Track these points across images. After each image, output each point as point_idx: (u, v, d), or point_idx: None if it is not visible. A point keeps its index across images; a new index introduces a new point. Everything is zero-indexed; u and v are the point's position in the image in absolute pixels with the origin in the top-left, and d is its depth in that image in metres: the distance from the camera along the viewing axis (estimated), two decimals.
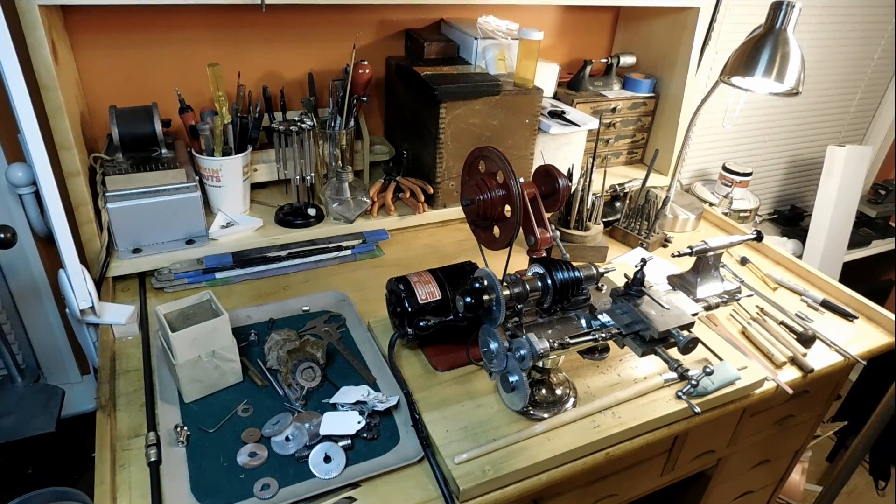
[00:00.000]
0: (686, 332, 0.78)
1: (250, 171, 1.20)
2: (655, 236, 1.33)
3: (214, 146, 1.11)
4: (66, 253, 0.88)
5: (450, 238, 1.31)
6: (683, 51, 1.45)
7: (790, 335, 1.09)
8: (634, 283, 0.84)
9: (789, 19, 1.07)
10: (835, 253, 2.02)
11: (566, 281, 0.82)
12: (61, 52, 0.99)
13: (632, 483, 1.06)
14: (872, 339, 1.12)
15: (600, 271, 0.86)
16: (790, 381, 1.00)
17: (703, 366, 0.80)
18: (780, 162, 2.13)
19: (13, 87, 0.76)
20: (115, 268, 1.06)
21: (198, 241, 1.11)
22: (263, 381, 0.89)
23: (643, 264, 0.85)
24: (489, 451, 0.78)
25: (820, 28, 1.85)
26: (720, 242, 1.10)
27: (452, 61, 1.29)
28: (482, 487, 0.75)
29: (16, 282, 1.24)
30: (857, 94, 2.11)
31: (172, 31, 1.16)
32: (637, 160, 1.65)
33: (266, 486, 0.72)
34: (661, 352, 0.79)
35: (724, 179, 1.80)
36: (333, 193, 1.21)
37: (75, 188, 0.99)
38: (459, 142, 1.23)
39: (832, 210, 1.93)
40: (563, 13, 1.52)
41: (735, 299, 1.10)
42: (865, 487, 2.15)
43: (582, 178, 1.25)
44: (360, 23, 1.31)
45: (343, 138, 1.21)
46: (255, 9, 0.99)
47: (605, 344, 0.88)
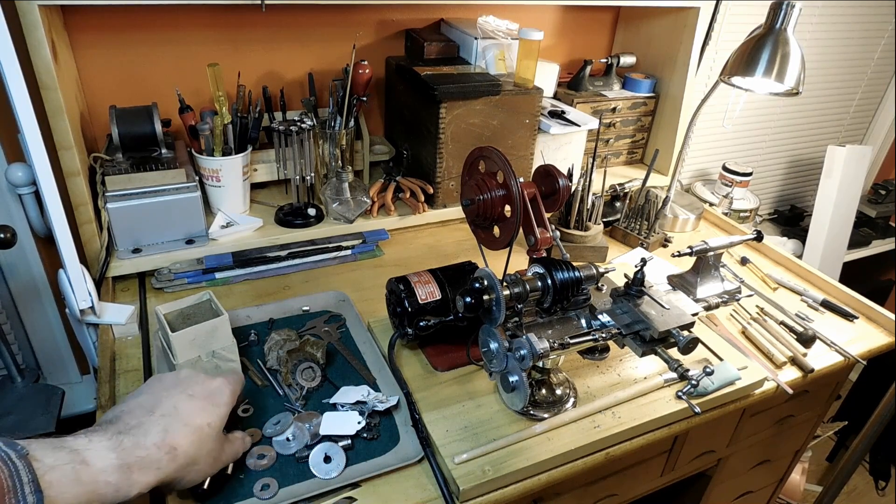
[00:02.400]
0: (686, 333, 0.78)
1: (250, 171, 1.20)
2: (655, 236, 1.33)
3: (214, 146, 1.11)
4: (66, 253, 0.88)
5: (450, 238, 1.31)
6: (683, 51, 1.45)
7: (790, 335, 1.09)
8: (634, 283, 0.84)
9: (789, 19, 1.07)
10: (835, 253, 2.02)
11: (566, 281, 0.82)
12: (61, 52, 0.99)
13: (632, 483, 1.06)
14: (872, 339, 1.12)
15: (600, 271, 0.85)
16: (790, 381, 1.00)
17: (703, 366, 0.80)
18: (780, 162, 2.14)
19: (13, 87, 0.75)
20: (115, 268, 1.06)
21: (198, 241, 1.11)
22: (263, 381, 0.89)
23: (643, 264, 0.85)
24: (489, 451, 0.78)
25: (820, 28, 1.85)
26: (720, 242, 1.10)
27: (452, 61, 1.29)
28: (482, 487, 0.75)
29: (16, 282, 1.24)
30: (857, 94, 2.11)
31: (172, 31, 1.16)
32: (637, 160, 1.65)
33: (266, 487, 0.72)
34: (662, 352, 0.79)
35: (725, 179, 1.80)
36: (333, 193, 1.21)
37: (75, 188, 0.99)
38: (459, 142, 1.23)
39: (832, 210, 1.93)
40: (563, 13, 1.52)
41: (735, 299, 1.10)
42: (865, 487, 2.15)
43: (582, 178, 1.25)
44: (360, 23, 1.31)
45: (343, 138, 1.21)
46: (255, 9, 0.99)
47: (605, 344, 0.88)
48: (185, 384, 0.68)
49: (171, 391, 0.66)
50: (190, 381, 0.69)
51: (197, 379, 0.70)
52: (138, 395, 0.66)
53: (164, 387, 0.67)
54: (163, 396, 0.65)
